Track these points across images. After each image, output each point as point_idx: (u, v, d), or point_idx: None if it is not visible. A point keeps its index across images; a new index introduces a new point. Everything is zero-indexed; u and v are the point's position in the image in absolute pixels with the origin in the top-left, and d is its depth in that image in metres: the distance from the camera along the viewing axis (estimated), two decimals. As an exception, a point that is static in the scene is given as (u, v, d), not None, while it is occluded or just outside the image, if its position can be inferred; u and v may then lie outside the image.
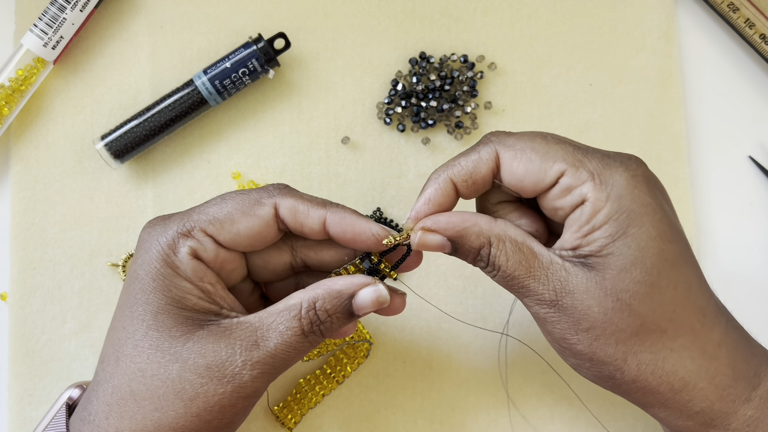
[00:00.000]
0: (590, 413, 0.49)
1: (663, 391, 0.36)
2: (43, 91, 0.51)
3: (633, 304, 0.35)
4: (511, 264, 0.36)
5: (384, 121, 0.52)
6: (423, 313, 0.50)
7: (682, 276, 0.36)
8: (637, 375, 0.36)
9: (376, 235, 0.37)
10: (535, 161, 0.36)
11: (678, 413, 0.37)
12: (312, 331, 0.36)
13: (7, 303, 0.50)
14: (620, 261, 0.35)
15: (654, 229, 0.35)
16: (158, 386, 0.35)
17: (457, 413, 0.50)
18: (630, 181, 0.35)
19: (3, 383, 0.49)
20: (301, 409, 0.49)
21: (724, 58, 0.54)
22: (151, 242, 0.37)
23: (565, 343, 0.37)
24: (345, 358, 0.49)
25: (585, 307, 0.35)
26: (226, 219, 0.37)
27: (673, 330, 0.35)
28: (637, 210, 0.35)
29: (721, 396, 0.36)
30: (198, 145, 0.52)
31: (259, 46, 0.49)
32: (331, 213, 0.38)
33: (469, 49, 0.53)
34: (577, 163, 0.36)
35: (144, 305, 0.36)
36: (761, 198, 0.53)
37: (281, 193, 0.38)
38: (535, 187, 0.37)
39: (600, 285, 0.35)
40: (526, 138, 0.37)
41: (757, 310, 0.52)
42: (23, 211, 0.51)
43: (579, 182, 0.35)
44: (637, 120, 0.52)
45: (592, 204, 0.35)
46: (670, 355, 0.35)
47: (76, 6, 0.49)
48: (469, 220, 0.37)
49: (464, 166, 0.37)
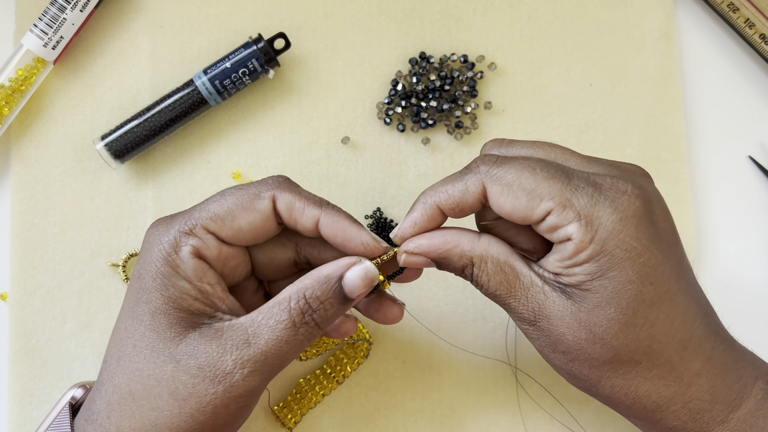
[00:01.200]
0: (589, 414, 0.49)
1: (636, 409, 0.37)
2: (43, 91, 0.51)
3: (606, 338, 0.35)
4: (493, 284, 0.37)
5: (384, 121, 0.52)
6: (423, 313, 0.50)
7: (661, 314, 0.35)
8: (610, 394, 0.37)
9: (366, 244, 0.38)
10: (521, 199, 0.35)
11: (652, 426, 0.38)
12: (304, 321, 0.36)
13: (7, 303, 0.50)
14: (596, 298, 0.35)
15: (634, 274, 0.35)
16: (154, 386, 0.35)
17: (457, 413, 0.50)
18: (617, 225, 0.34)
19: (3, 383, 0.49)
20: (301, 409, 0.49)
21: (724, 58, 0.54)
22: (154, 242, 0.37)
23: (544, 356, 0.39)
24: (345, 358, 0.49)
25: (559, 334, 0.36)
26: (227, 215, 0.37)
27: (648, 362, 0.36)
28: (619, 255, 0.34)
29: (695, 418, 0.37)
30: (198, 145, 0.52)
31: (259, 46, 0.49)
32: (325, 214, 0.38)
33: (469, 49, 0.53)
34: (565, 201, 0.35)
35: (144, 305, 0.36)
36: (761, 198, 0.53)
37: (280, 186, 0.38)
38: (522, 221, 0.36)
39: (575, 316, 0.35)
40: (515, 171, 0.36)
41: (756, 310, 0.52)
42: (23, 211, 0.51)
43: (565, 222, 0.35)
44: (637, 120, 0.52)
45: (575, 245, 0.35)
46: (643, 383, 0.36)
47: (76, 6, 0.49)
48: (450, 241, 0.37)
49: (451, 194, 0.37)
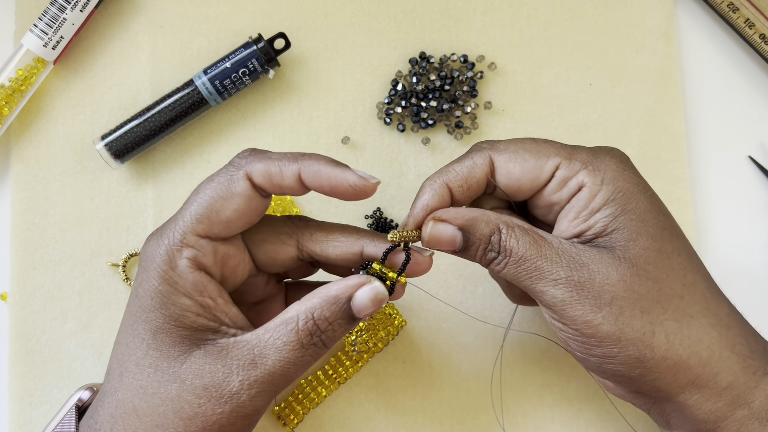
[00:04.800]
0: (592, 411, 0.49)
1: (693, 365, 0.36)
2: (43, 91, 0.51)
3: (648, 268, 0.36)
4: (522, 245, 0.37)
5: (384, 121, 0.52)
6: (423, 313, 0.50)
7: (681, 244, 0.38)
8: (667, 349, 0.35)
9: (354, 186, 0.36)
10: (529, 160, 0.38)
11: (708, 392, 0.36)
12: (312, 343, 0.35)
13: (7, 303, 0.50)
14: (626, 233, 0.36)
15: (649, 203, 0.37)
16: (158, 404, 0.35)
17: (457, 413, 0.50)
18: (619, 165, 0.38)
19: (3, 383, 0.49)
20: (303, 410, 0.49)
21: (724, 58, 0.54)
22: (148, 260, 0.36)
23: (588, 328, 0.36)
24: (346, 359, 0.49)
25: (603, 277, 0.36)
26: (211, 212, 0.36)
27: (689, 295, 0.37)
28: (630, 188, 0.37)
29: (744, 367, 0.37)
30: (198, 145, 0.52)
31: (259, 46, 0.49)
32: (304, 167, 0.36)
33: (469, 49, 0.53)
34: (569, 156, 0.38)
35: (144, 323, 0.36)
36: (761, 198, 0.53)
37: (249, 161, 0.37)
38: (532, 185, 0.38)
39: (612, 255, 0.36)
40: (517, 141, 0.39)
41: (757, 309, 0.52)
42: (23, 211, 0.51)
43: (574, 172, 0.37)
44: (637, 120, 0.52)
45: (589, 188, 0.37)
46: (692, 322, 0.36)
47: (76, 6, 0.49)
48: (476, 210, 0.38)
49: (459, 171, 0.38)
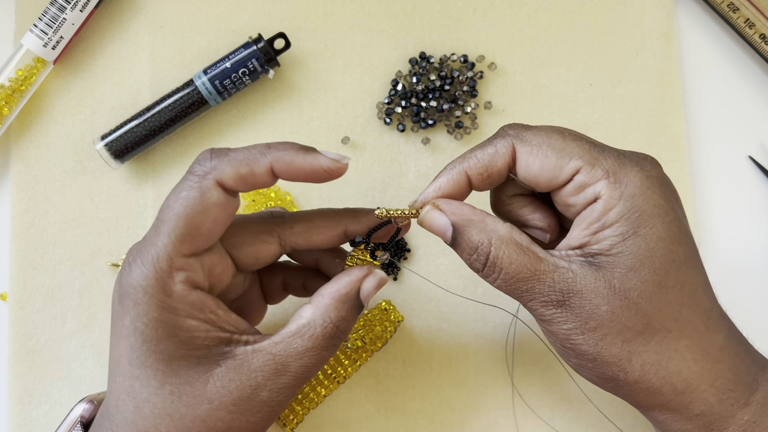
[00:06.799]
0: (592, 412, 0.49)
1: (665, 392, 0.36)
2: (43, 91, 0.51)
3: (640, 302, 0.35)
4: (515, 266, 0.36)
5: (384, 121, 0.52)
6: (423, 313, 0.50)
7: (688, 278, 0.36)
8: (640, 375, 0.36)
9: (328, 170, 0.37)
10: (551, 158, 0.36)
11: (678, 416, 0.37)
12: (333, 344, 0.36)
13: (7, 303, 0.50)
14: (629, 260, 0.35)
15: (664, 231, 0.35)
16: (189, 427, 0.35)
17: (457, 413, 0.50)
18: (644, 182, 0.35)
19: (3, 383, 0.49)
20: (303, 410, 0.49)
21: (724, 58, 0.54)
22: (138, 292, 0.34)
23: (569, 343, 0.36)
24: (344, 358, 0.49)
25: (593, 306, 0.35)
26: (191, 228, 0.35)
27: (678, 330, 0.35)
28: (649, 210, 0.35)
29: (721, 399, 0.36)
30: (198, 145, 0.52)
31: (259, 46, 0.49)
32: (275, 161, 0.36)
33: (469, 49, 0.53)
34: (593, 160, 0.36)
35: (154, 355, 0.34)
36: (761, 198, 0.53)
37: (215, 167, 0.35)
38: (549, 183, 0.37)
39: (608, 284, 0.35)
40: (544, 134, 0.37)
41: (757, 309, 0.52)
42: (23, 211, 0.51)
43: (593, 180, 0.35)
44: (637, 120, 0.52)
45: (605, 202, 0.35)
46: (674, 355, 0.35)
47: (76, 6, 0.49)
48: (477, 214, 0.37)
49: (480, 159, 0.37)
